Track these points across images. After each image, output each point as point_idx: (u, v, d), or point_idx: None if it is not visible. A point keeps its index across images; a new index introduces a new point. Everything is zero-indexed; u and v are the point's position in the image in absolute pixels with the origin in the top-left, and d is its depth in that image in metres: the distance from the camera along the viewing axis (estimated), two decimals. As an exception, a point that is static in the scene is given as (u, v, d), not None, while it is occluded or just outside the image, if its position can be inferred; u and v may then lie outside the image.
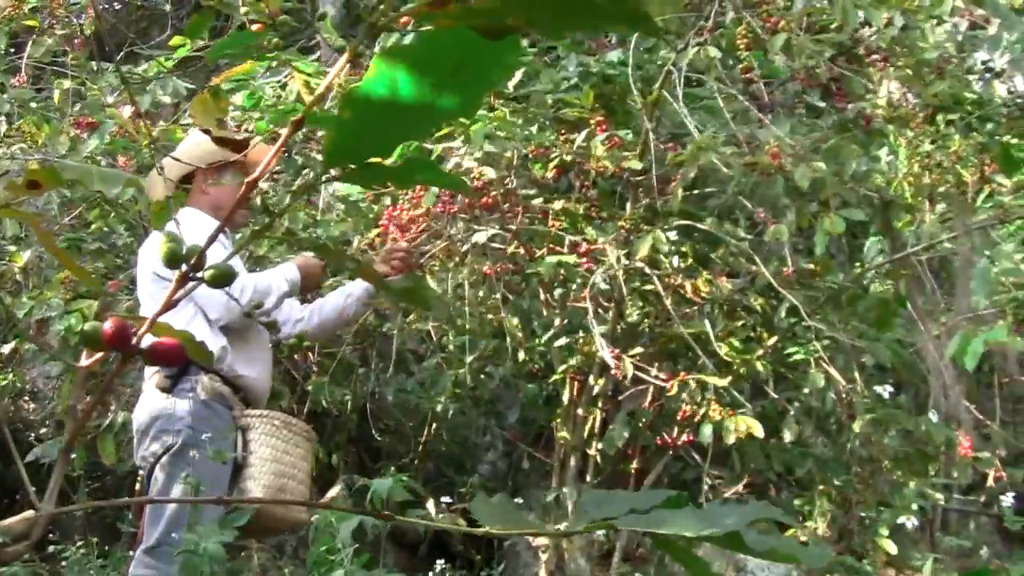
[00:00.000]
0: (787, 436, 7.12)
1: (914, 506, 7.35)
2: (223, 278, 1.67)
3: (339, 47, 7.24)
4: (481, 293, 6.70)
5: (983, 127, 7.50)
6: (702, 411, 6.00)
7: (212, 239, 1.55)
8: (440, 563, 6.51)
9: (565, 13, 1.27)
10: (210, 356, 1.75)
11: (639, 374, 6.07)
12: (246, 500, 4.91)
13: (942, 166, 7.63)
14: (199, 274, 1.62)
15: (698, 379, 5.98)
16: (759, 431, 5.89)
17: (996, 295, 6.26)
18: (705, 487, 7.02)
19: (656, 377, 6.06)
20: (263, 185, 6.76)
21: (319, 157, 5.11)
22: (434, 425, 8.12)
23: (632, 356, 6.05)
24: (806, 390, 6.93)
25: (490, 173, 5.91)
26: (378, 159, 1.47)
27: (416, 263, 5.53)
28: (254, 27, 4.13)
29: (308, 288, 5.18)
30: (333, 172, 1.48)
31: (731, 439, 5.88)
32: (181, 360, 1.71)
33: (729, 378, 6.14)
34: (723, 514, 1.57)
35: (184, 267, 1.59)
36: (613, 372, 6.02)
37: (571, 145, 6.03)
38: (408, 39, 1.32)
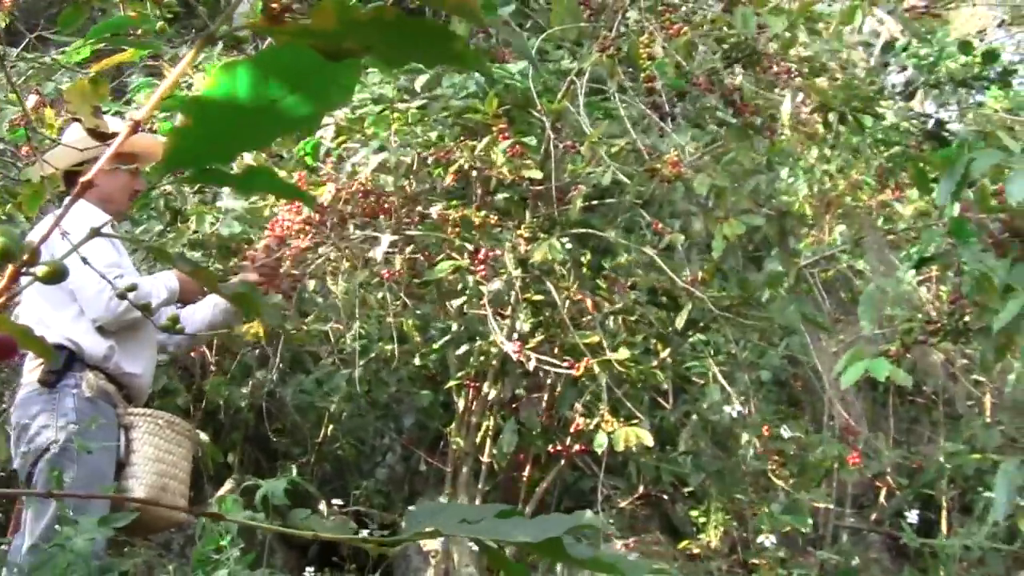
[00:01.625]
0: (681, 448, 7.18)
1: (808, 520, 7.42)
2: (56, 275, 1.62)
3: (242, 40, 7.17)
4: (380, 296, 6.66)
5: (886, 149, 7.60)
6: (595, 421, 6.00)
7: (93, 234, 1.51)
8: (311, 570, 6.48)
9: (400, 45, 1.28)
10: (49, 351, 1.71)
11: (533, 371, 6.09)
12: (128, 498, 4.84)
13: (843, 185, 7.73)
14: (32, 270, 1.57)
15: (602, 361, 5.97)
16: (648, 441, 5.90)
17: (894, 317, 6.34)
18: (600, 497, 7.03)
19: (559, 365, 6.06)
20: (168, 187, 6.70)
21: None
22: (331, 427, 8.07)
23: (532, 350, 6.07)
24: (704, 404, 6.99)
25: (385, 180, 5.89)
26: (218, 165, 1.47)
27: (279, 273, 5.48)
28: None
29: (186, 299, 5.10)
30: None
31: (620, 447, 5.87)
32: (12, 354, 1.66)
33: (626, 355, 6.12)
34: (549, 524, 1.58)
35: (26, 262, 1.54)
36: (515, 357, 6.01)
37: (471, 151, 6.00)
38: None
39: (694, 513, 7.60)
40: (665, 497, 8.09)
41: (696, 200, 6.07)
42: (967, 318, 4.77)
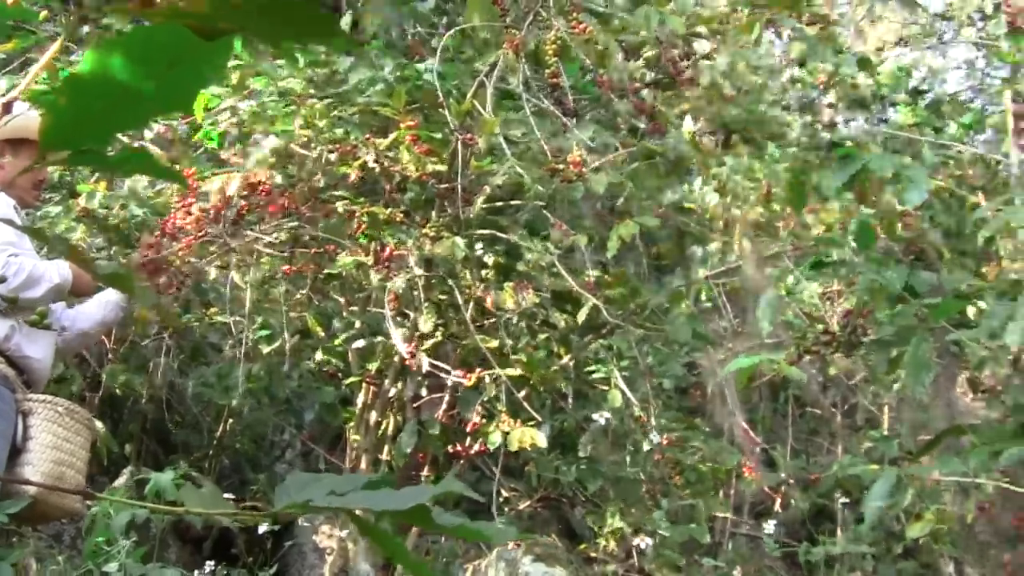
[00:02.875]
0: (581, 452, 7.18)
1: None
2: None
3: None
4: (284, 290, 6.62)
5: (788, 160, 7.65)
6: (493, 422, 6.00)
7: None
8: (210, 564, 6.42)
9: (273, 24, 1.28)
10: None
11: (434, 371, 6.08)
12: (22, 481, 4.76)
13: (753, 196, 7.76)
14: None
15: (493, 374, 5.97)
16: (542, 442, 5.90)
17: (793, 326, 6.39)
18: (496, 497, 7.02)
19: (450, 372, 6.06)
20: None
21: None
22: (231, 421, 8.00)
23: (427, 351, 6.06)
24: (605, 410, 7.00)
25: (278, 177, 5.87)
26: (93, 145, 1.46)
27: (162, 269, 5.42)
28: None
29: (80, 292, 5.01)
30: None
31: (515, 447, 5.87)
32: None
33: (517, 371, 6.13)
34: (415, 493, 1.59)
35: None
36: (407, 362, 6.00)
37: (377, 147, 5.98)
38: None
39: (592, 518, 7.61)
40: (564, 501, 8.10)
41: (601, 203, 6.08)
42: (860, 330, 4.81)
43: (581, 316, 6.29)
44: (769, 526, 8.22)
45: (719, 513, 7.78)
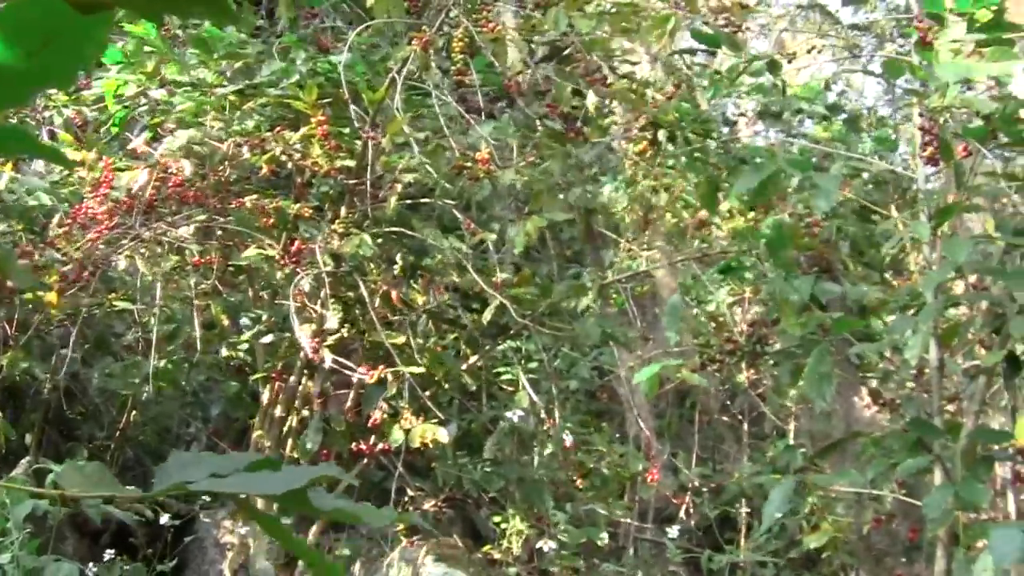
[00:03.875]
0: (487, 453, 7.17)
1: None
2: None
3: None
4: (195, 282, 6.55)
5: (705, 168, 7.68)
6: (398, 419, 5.97)
7: None
8: (110, 552, 6.33)
9: None
10: None
11: (340, 368, 6.04)
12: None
13: (664, 201, 7.79)
14: None
15: (397, 372, 5.95)
16: (443, 438, 5.89)
17: (700, 333, 6.42)
18: (400, 496, 6.99)
19: (354, 369, 6.02)
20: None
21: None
22: (135, 412, 7.90)
23: (332, 348, 6.02)
24: (513, 411, 6.99)
25: (188, 169, 5.80)
26: None
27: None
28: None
29: None
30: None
31: (416, 444, 5.84)
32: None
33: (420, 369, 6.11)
34: (293, 476, 1.58)
35: None
36: (311, 355, 5.96)
37: (287, 141, 5.93)
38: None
39: (497, 519, 7.60)
40: (470, 501, 8.08)
41: (511, 203, 6.07)
42: (764, 340, 4.84)
43: (486, 316, 6.27)
44: (672, 531, 8.25)
45: (623, 518, 7.78)
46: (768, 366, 6.29)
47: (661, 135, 6.54)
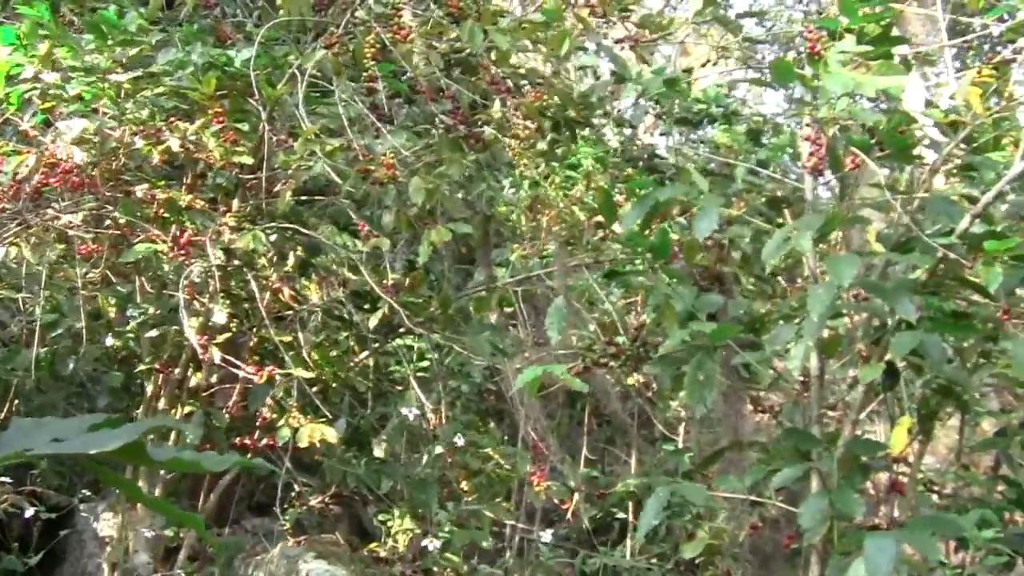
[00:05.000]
0: (376, 451, 7.14)
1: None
2: None
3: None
4: (84, 272, 6.45)
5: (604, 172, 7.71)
6: (283, 416, 5.93)
7: None
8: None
9: None
10: None
11: (226, 366, 5.99)
12: None
13: (562, 203, 7.81)
14: None
15: (284, 374, 5.91)
16: (333, 439, 5.86)
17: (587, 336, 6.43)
18: (282, 491, 6.94)
19: (243, 368, 5.98)
20: None
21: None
22: (16, 402, 7.74)
23: (219, 344, 5.96)
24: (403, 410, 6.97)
25: (78, 155, 5.71)
26: None
27: None
28: None
29: None
30: None
31: (304, 443, 5.81)
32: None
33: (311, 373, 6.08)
34: (127, 430, 1.56)
35: None
36: (199, 351, 5.89)
37: (182, 131, 5.86)
38: None
39: (383, 517, 7.57)
40: (357, 499, 8.05)
41: (409, 204, 6.04)
42: (647, 345, 4.86)
43: (373, 321, 6.26)
44: (546, 535, 8.28)
45: (507, 519, 7.78)
46: (652, 371, 6.32)
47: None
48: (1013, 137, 5.03)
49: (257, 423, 6.10)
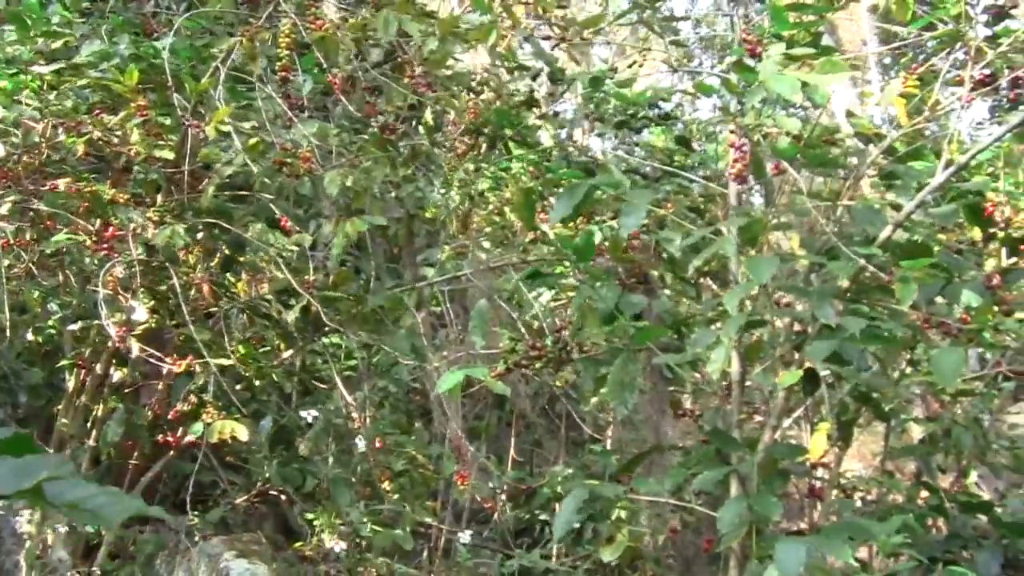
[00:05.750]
0: (301, 449, 7.10)
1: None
2: None
3: None
4: (7, 265, 6.37)
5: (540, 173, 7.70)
6: (201, 411, 5.88)
7: None
8: None
9: None
10: None
11: (150, 358, 5.94)
12: None
13: (492, 204, 7.80)
14: None
15: (203, 363, 5.86)
16: (244, 435, 5.82)
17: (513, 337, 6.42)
18: (207, 489, 6.90)
19: (163, 359, 5.92)
20: None
21: None
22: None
23: (139, 337, 5.91)
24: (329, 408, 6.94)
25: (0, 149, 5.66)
26: None
27: None
28: None
29: None
30: None
31: (214, 438, 5.76)
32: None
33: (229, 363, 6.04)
34: (27, 469, 1.53)
35: None
36: (118, 343, 5.84)
37: (105, 124, 5.81)
38: None
39: (310, 516, 7.54)
40: (283, 497, 8.00)
41: (333, 200, 6.02)
42: (570, 347, 4.86)
43: (291, 316, 6.23)
44: (465, 535, 8.25)
45: (430, 520, 7.75)
46: (576, 372, 6.33)
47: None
48: (937, 148, 5.08)
49: (170, 416, 6.04)
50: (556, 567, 7.67)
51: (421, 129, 6.74)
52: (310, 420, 7.07)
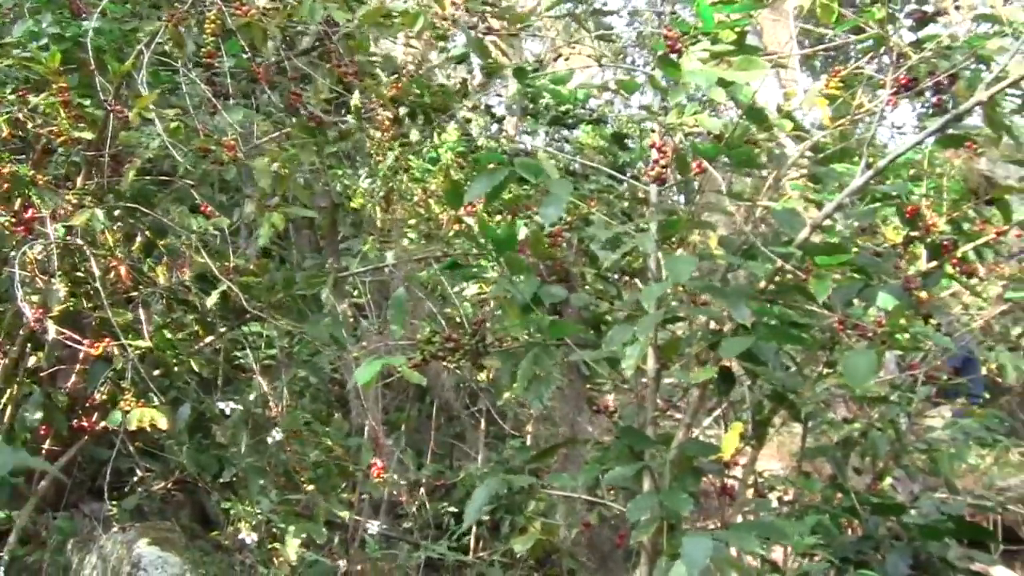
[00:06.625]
0: (220, 437, 7.06)
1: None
2: None
3: None
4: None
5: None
6: (119, 397, 5.82)
7: None
8: None
9: None
10: None
11: (69, 342, 5.88)
12: None
13: (418, 195, 7.79)
14: None
15: (120, 346, 5.80)
16: (163, 423, 5.76)
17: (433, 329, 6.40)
18: (122, 476, 6.84)
19: (79, 342, 5.86)
20: None
21: None
22: None
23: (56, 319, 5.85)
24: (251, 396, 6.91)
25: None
26: None
27: None
28: None
29: None
30: None
31: (133, 426, 5.70)
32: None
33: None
34: None
35: None
36: (33, 325, 5.77)
37: (26, 104, 5.74)
38: None
39: (226, 505, 7.49)
40: (200, 486, 7.94)
41: (254, 187, 5.97)
42: (486, 339, 4.85)
43: (210, 301, 6.18)
44: (373, 527, 8.25)
45: (345, 512, 7.72)
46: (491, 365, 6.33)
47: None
48: (859, 151, 5.11)
49: (88, 403, 5.98)
50: (471, 560, 7.67)
51: (351, 119, 6.69)
52: (228, 412, 7.01)
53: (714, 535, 3.96)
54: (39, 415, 6.35)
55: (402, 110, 6.70)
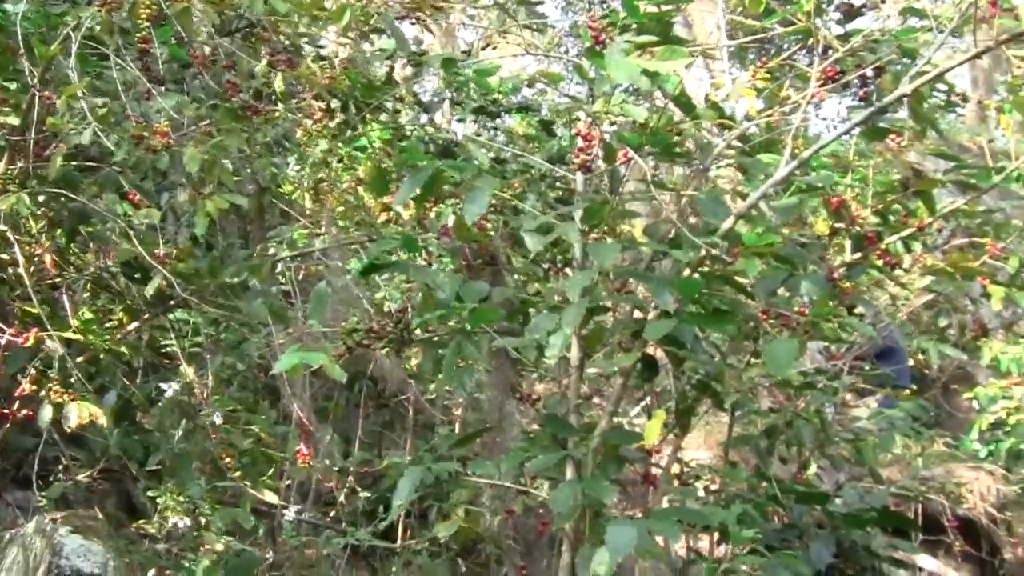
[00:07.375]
0: (147, 425, 7.02)
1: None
2: None
3: None
4: None
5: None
6: (48, 390, 5.74)
7: None
8: None
9: None
10: None
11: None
12: None
13: (346, 182, 7.77)
14: None
15: (47, 334, 5.73)
16: (103, 419, 5.70)
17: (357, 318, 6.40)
18: (46, 465, 6.77)
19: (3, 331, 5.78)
20: None
21: None
22: None
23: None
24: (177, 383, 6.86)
25: None
26: None
27: None
28: None
29: None
30: None
31: (73, 423, 5.63)
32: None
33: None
34: None
35: None
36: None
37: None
38: None
39: (152, 493, 7.44)
40: (126, 474, 7.87)
41: (186, 173, 5.92)
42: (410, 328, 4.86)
43: (149, 289, 6.12)
44: (289, 513, 8.24)
45: (272, 499, 7.69)
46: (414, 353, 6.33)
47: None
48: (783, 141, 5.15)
49: (16, 395, 5.90)
50: (398, 548, 7.67)
51: (280, 105, 6.66)
52: (168, 392, 6.96)
53: (637, 522, 3.99)
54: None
55: (334, 102, 6.68)
